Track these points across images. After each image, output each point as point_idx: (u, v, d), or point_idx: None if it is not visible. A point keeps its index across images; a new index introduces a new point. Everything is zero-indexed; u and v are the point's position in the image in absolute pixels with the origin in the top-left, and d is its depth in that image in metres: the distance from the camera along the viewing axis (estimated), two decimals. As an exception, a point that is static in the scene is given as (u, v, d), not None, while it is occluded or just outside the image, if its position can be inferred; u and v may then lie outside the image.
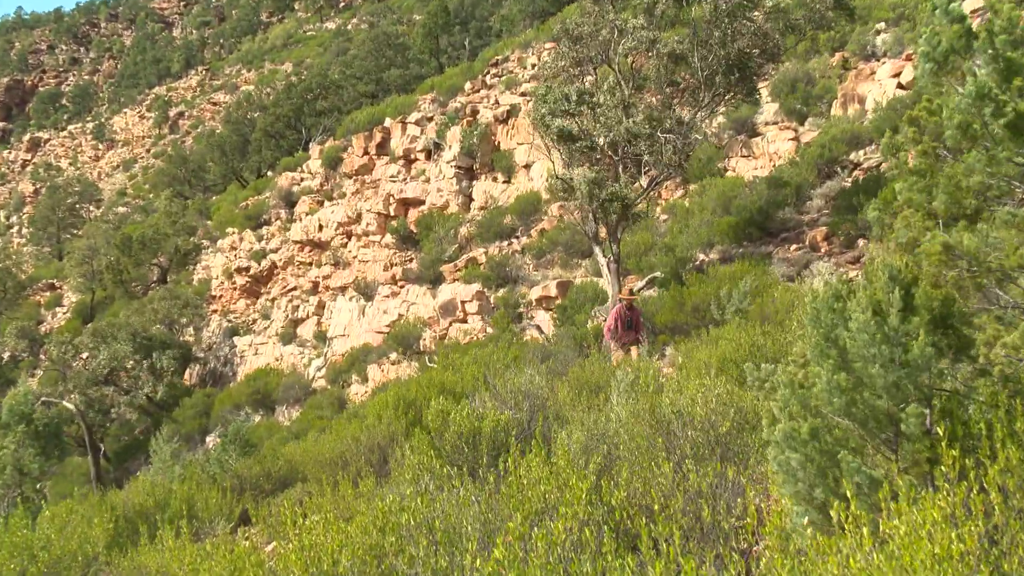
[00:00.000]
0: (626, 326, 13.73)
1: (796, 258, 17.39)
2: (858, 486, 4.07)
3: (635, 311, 13.99)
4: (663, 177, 17.73)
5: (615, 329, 13.78)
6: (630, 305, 13.92)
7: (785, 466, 4.41)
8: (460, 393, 11.20)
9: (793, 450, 4.36)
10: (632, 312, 13.88)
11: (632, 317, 13.82)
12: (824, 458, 4.26)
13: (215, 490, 10.83)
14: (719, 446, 6.39)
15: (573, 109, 16.84)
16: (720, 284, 15.10)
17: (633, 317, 13.84)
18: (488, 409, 8.18)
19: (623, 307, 13.85)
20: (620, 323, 13.70)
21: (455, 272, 27.62)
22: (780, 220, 19.40)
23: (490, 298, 25.89)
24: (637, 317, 13.95)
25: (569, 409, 8.95)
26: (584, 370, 11.59)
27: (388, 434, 10.82)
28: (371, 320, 30.44)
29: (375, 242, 33.49)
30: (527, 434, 8.03)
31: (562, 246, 25.37)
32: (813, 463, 4.28)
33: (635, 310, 14.02)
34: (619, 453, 6.53)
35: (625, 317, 13.75)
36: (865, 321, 4.16)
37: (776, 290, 13.60)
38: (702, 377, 8.22)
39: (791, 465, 4.37)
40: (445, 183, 32.06)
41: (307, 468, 11.57)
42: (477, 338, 24.13)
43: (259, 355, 35.20)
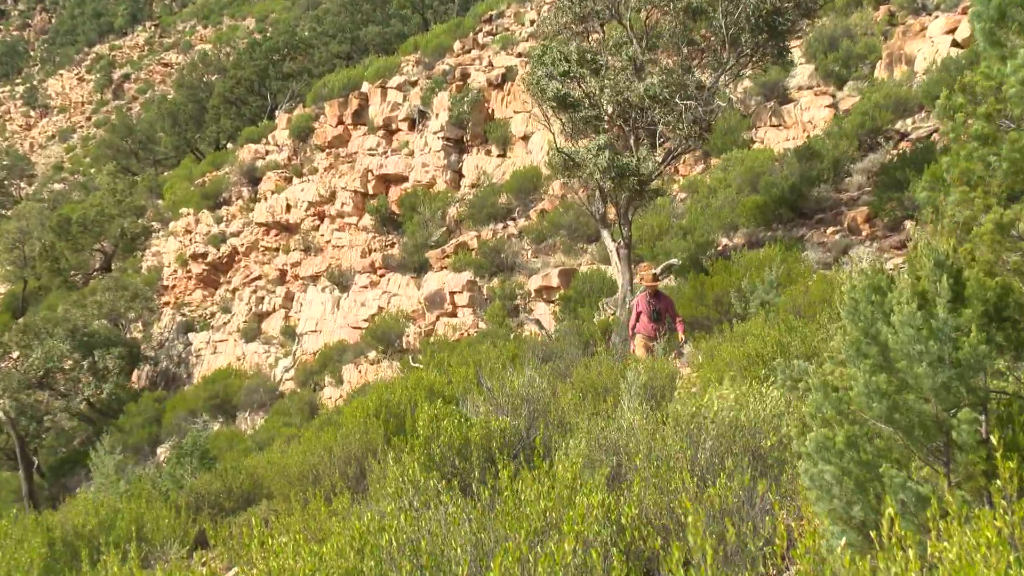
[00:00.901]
0: (652, 317, 13.06)
1: (833, 243, 17.42)
2: (903, 504, 4.08)
3: (663, 299, 13.30)
4: (681, 150, 17.72)
5: (637, 322, 13.15)
6: (655, 291, 13.20)
7: (818, 480, 4.42)
8: (449, 397, 11.22)
9: (827, 462, 4.36)
10: (658, 300, 13.18)
11: (659, 306, 13.14)
12: (863, 471, 4.26)
13: (167, 509, 10.83)
14: (757, 459, 6.40)
15: (574, 71, 16.81)
16: (746, 272, 15.11)
17: (660, 306, 13.17)
18: (481, 415, 8.20)
19: (647, 296, 13.14)
20: (645, 314, 13.06)
21: (443, 259, 27.60)
22: (815, 199, 19.41)
23: (483, 289, 25.87)
24: (666, 306, 13.28)
25: (573, 415, 8.96)
26: (590, 371, 11.58)
27: (366, 444, 10.77)
28: (347, 314, 30.42)
29: (351, 225, 33.43)
30: (526, 443, 8.04)
31: (565, 229, 25.34)
32: (850, 477, 4.29)
33: (663, 297, 13.33)
34: (631, 465, 6.54)
35: (650, 307, 13.07)
36: (909, 314, 4.17)
37: (809, 279, 13.61)
38: (725, 378, 8.24)
39: (825, 479, 4.38)
40: (431, 157, 32.00)
41: (273, 483, 11.57)
42: (468, 334, 24.11)
43: (218, 354, 35.17)
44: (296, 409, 25.76)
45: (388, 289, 29.20)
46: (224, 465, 14.21)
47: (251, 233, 37.77)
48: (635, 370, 10.31)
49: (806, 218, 19.28)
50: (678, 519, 5.43)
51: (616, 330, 16.73)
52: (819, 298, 11.76)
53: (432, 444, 7.07)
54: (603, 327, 17.68)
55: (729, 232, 20.13)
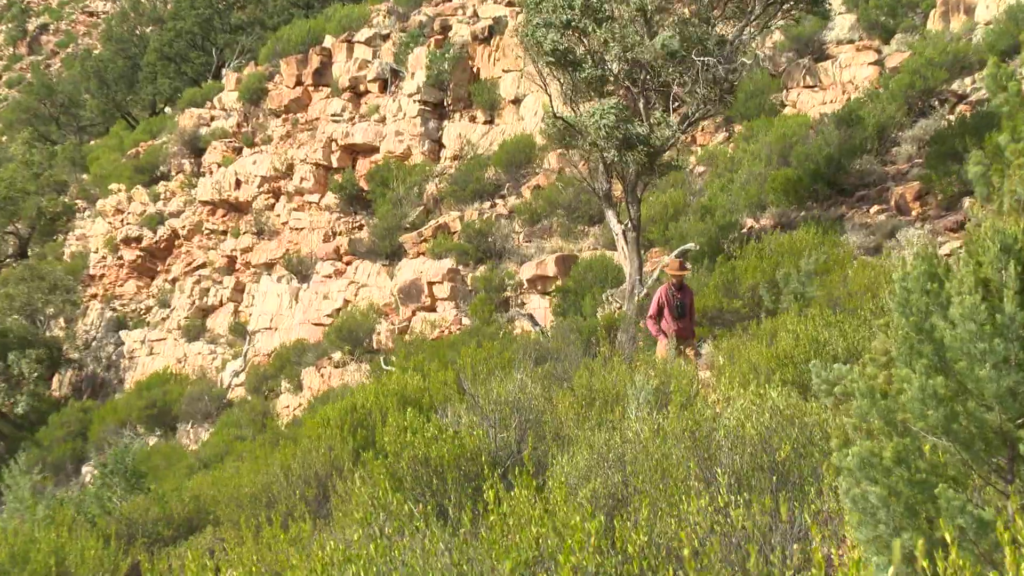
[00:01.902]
0: (676, 313, 12.99)
1: (878, 224, 17.44)
2: (961, 530, 4.07)
3: (687, 292, 13.29)
4: (699, 116, 17.71)
5: (658, 318, 13.02)
6: (680, 283, 13.15)
7: (861, 503, 4.41)
8: (427, 406, 11.23)
9: (872, 481, 4.34)
10: (684, 293, 13.18)
11: (685, 300, 13.14)
12: (914, 491, 4.25)
13: (94, 538, 10.79)
14: (774, 474, 6.41)
15: (577, 20, 16.77)
16: (777, 260, 15.12)
17: (686, 300, 13.17)
18: (464, 427, 8.18)
19: (671, 288, 13.08)
20: (668, 309, 12.97)
21: (420, 244, 27.54)
22: (857, 173, 19.42)
23: (466, 278, 25.83)
24: (690, 301, 13.28)
25: (573, 426, 8.97)
26: (593, 375, 11.58)
27: (330, 461, 10.82)
28: (307, 308, 30.35)
29: (312, 203, 33.32)
30: (516, 459, 8.05)
31: (563, 209, 25.30)
32: (899, 498, 4.28)
33: (687, 291, 13.33)
34: (638, 484, 6.54)
35: (674, 300, 13.00)
36: (971, 307, 4.15)
37: (850, 267, 13.63)
38: (751, 383, 8.23)
39: (869, 501, 4.37)
40: (406, 124, 31.91)
41: (221, 507, 11.59)
42: (449, 332, 24.08)
43: (155, 355, 35.07)
44: (247, 420, 25.69)
45: (356, 279, 29.12)
46: (162, 486, 14.19)
47: (194, 213, 37.62)
48: (645, 374, 10.30)
49: (846, 195, 19.30)
50: (693, 547, 5.42)
51: (623, 327, 16.72)
52: (862, 289, 11.77)
53: (400, 461, 7.05)
54: (608, 323, 17.65)
55: (756, 212, 20.12)
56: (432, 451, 7.24)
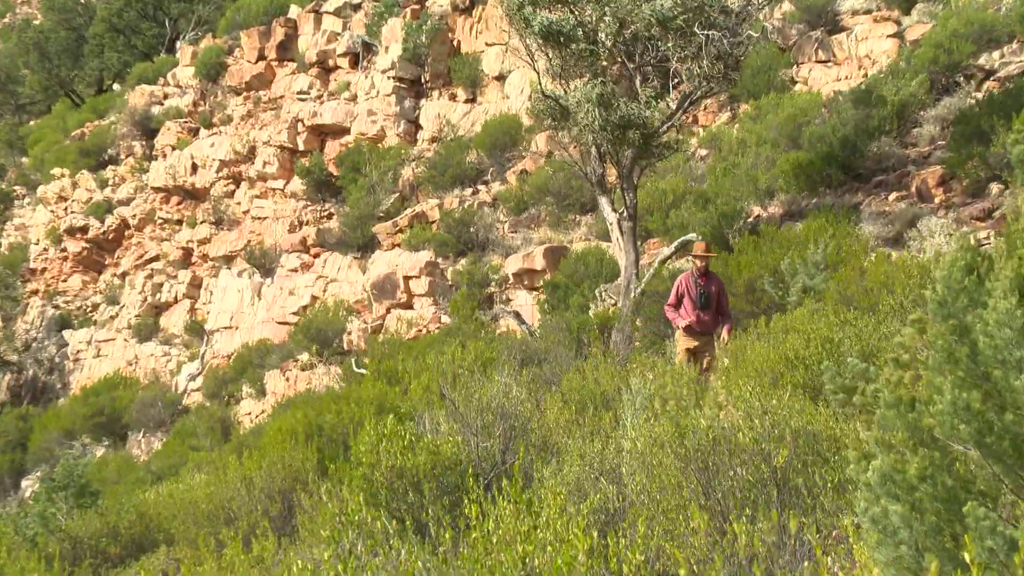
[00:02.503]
0: (700, 304, 12.41)
1: (897, 212, 17.47)
2: (991, 552, 4.06)
3: (715, 280, 12.71)
4: (701, 94, 17.71)
5: (677, 309, 12.51)
6: (705, 270, 12.59)
7: (882, 522, 4.40)
8: (403, 412, 11.24)
9: (894, 498, 4.33)
10: (709, 281, 12.59)
11: (710, 289, 12.52)
12: (941, 508, 4.24)
13: (36, 559, 10.76)
14: (776, 486, 6.43)
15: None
16: (785, 251, 15.14)
17: (712, 289, 12.55)
18: (443, 436, 8.20)
19: (693, 274, 12.57)
20: (689, 299, 12.43)
21: (395, 235, 27.52)
22: (874, 156, 19.45)
23: (446, 273, 25.82)
24: (719, 290, 12.66)
25: (563, 435, 8.96)
26: (585, 378, 11.57)
27: (296, 473, 10.85)
28: (271, 305, 30.31)
29: (276, 190, 33.26)
30: (501, 471, 8.07)
31: (552, 196, 25.29)
32: (923, 517, 4.27)
33: (714, 279, 12.75)
34: (633, 497, 6.54)
35: (697, 289, 12.46)
36: (1007, 312, 4.12)
37: (866, 259, 13.65)
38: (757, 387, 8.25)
39: (891, 521, 4.35)
40: (379, 103, 31.86)
41: (176, 524, 11.57)
42: (427, 331, 24.07)
43: (103, 357, 34.95)
44: (205, 428, 25.63)
45: (324, 273, 29.09)
46: (111, 502, 14.13)
47: (145, 201, 37.50)
48: (642, 377, 10.30)
49: (862, 181, 19.32)
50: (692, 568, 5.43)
51: (618, 325, 16.72)
52: (879, 284, 11.78)
53: (375, 473, 7.05)
54: (601, 322, 17.67)
55: (763, 199, 20.14)
56: (408, 461, 7.22)
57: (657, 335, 16.64)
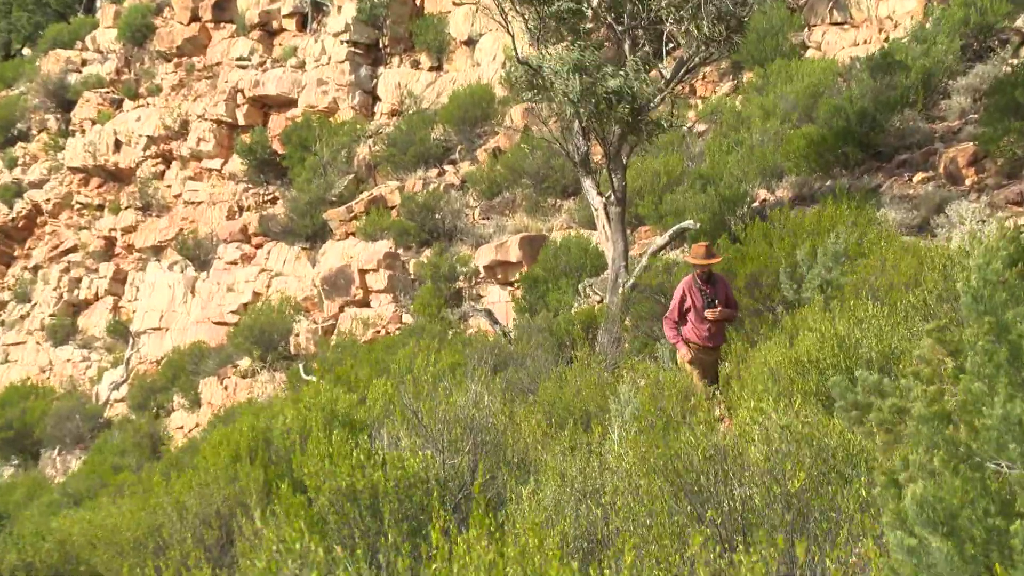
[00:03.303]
0: (705, 306, 12.38)
1: (923, 195, 17.51)
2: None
3: (720, 284, 12.73)
4: (699, 61, 17.74)
5: (681, 319, 12.46)
6: (709, 274, 12.59)
7: (918, 557, 4.39)
8: (359, 425, 11.22)
9: (932, 528, 4.32)
10: (713, 286, 12.58)
11: (716, 294, 12.51)
12: (986, 536, 4.23)
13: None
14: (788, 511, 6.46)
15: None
16: (796, 240, 15.16)
17: (718, 294, 12.53)
18: (404, 451, 8.18)
19: (696, 280, 12.55)
20: (694, 308, 12.43)
21: (349, 222, 27.46)
22: (896, 132, 19.50)
23: (408, 265, 25.80)
24: (724, 295, 12.67)
25: (541, 451, 8.99)
26: (566, 386, 11.54)
27: (235, 496, 10.86)
28: (206, 303, 30.21)
29: (213, 171, 33.16)
30: (469, 492, 8.06)
31: (529, 178, 25.28)
32: (963, 551, 4.26)
33: (721, 281, 12.79)
34: (619, 523, 6.55)
35: (704, 296, 12.46)
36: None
37: (889, 249, 13.68)
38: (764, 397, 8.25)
39: (929, 557, 4.35)
40: (331, 71, 31.77)
41: (97, 554, 11.54)
42: (387, 332, 24.05)
43: (11, 363, 34.79)
44: (131, 445, 25.54)
45: (268, 266, 29.03)
46: (21, 528, 14.06)
47: (61, 183, 37.32)
48: (633, 384, 10.31)
49: (883, 160, 19.37)
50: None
51: (604, 325, 16.71)
52: (904, 278, 11.80)
53: (321, 495, 7.03)
54: (585, 321, 17.65)
55: (770, 181, 20.18)
56: (360, 482, 7.19)
57: (650, 336, 16.64)
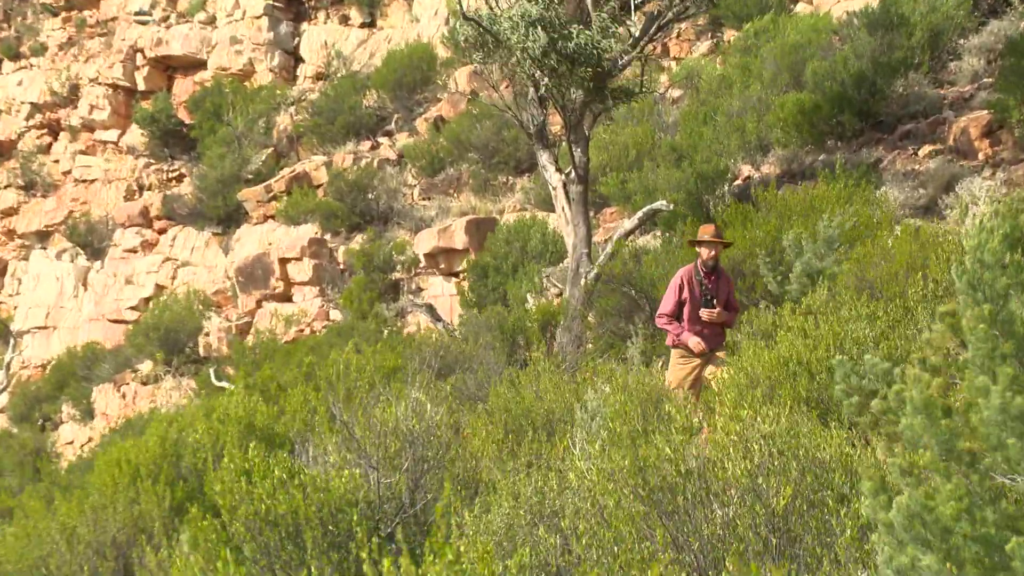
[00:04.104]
0: (703, 304, 12.24)
1: (930, 171, 17.60)
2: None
3: (724, 278, 12.61)
4: (672, 16, 17.77)
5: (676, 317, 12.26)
6: (715, 265, 12.43)
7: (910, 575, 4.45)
8: (279, 439, 11.34)
9: (924, 544, 4.35)
10: (717, 280, 12.43)
11: (718, 291, 12.37)
12: (982, 550, 4.25)
13: None
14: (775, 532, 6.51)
15: None
16: (784, 223, 15.21)
17: (720, 291, 12.40)
18: (332, 468, 8.21)
19: (699, 269, 12.38)
20: (691, 305, 12.27)
21: (268, 203, 27.39)
22: (899, 98, 19.60)
23: (337, 253, 25.75)
24: (727, 294, 12.52)
25: (491, 466, 9.10)
26: (521, 391, 11.55)
27: (135, 522, 10.90)
28: (101, 297, 30.05)
29: (108, 144, 32.97)
30: (408, 515, 8.14)
31: (477, 152, 25.29)
32: (961, 569, 4.28)
33: (723, 276, 12.64)
34: (581, 550, 6.56)
35: (701, 290, 12.31)
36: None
37: (890, 233, 13.74)
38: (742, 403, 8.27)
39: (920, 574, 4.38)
40: (247, 28, 31.66)
41: (-30, 591, 11.47)
42: (312, 330, 24.03)
43: None
44: (11, 462, 25.39)
45: (173, 255, 28.91)
46: None
47: (-68, 158, 37.07)
48: (598, 390, 10.33)
49: (884, 131, 19.48)
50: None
51: (565, 322, 16.73)
52: (907, 265, 11.84)
53: (236, 520, 6.98)
54: (542, 317, 17.66)
55: (755, 155, 20.27)
56: (280, 505, 7.15)
57: (616, 334, 16.67)
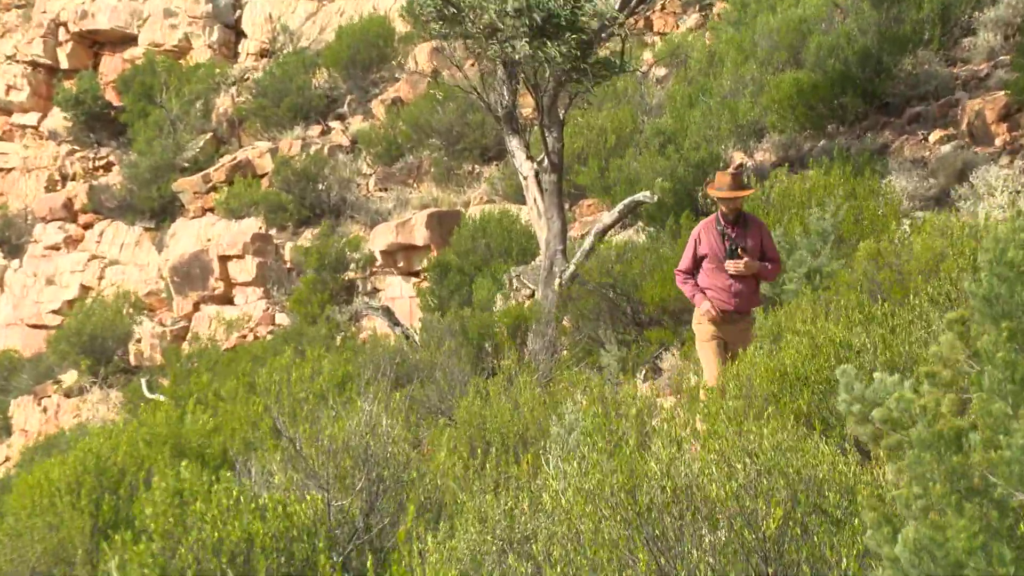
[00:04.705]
0: (727, 254, 11.66)
1: (941, 158, 17.64)
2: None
3: (754, 225, 11.99)
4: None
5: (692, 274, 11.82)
6: (738, 214, 11.86)
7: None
8: (217, 457, 11.32)
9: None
10: (744, 229, 11.82)
11: (746, 240, 11.75)
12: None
13: None
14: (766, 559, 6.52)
15: None
16: (781, 216, 15.21)
17: (750, 240, 11.79)
18: (277, 491, 8.27)
19: (719, 221, 11.81)
20: (714, 263, 11.69)
21: (206, 194, 27.31)
22: (908, 78, 19.64)
23: (284, 250, 25.71)
24: (757, 242, 11.86)
25: (457, 487, 9.05)
26: (490, 403, 11.51)
27: (57, 549, 10.84)
28: (19, 300, 29.98)
29: (26, 129, 32.88)
30: (364, 541, 8.17)
31: (439, 138, 25.29)
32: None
33: (753, 225, 12.00)
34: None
35: (723, 242, 11.72)
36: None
37: (897, 228, 13.74)
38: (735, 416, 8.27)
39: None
40: (182, 0, 31.62)
41: None
42: (256, 336, 23.97)
43: None
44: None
45: (101, 252, 28.83)
46: None
47: None
48: (575, 403, 10.32)
49: (890, 114, 19.52)
50: None
51: (537, 327, 16.71)
52: (918, 265, 11.82)
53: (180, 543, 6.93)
54: (512, 322, 17.64)
55: (747, 141, 20.28)
56: (234, 532, 7.11)
57: (594, 340, 16.66)
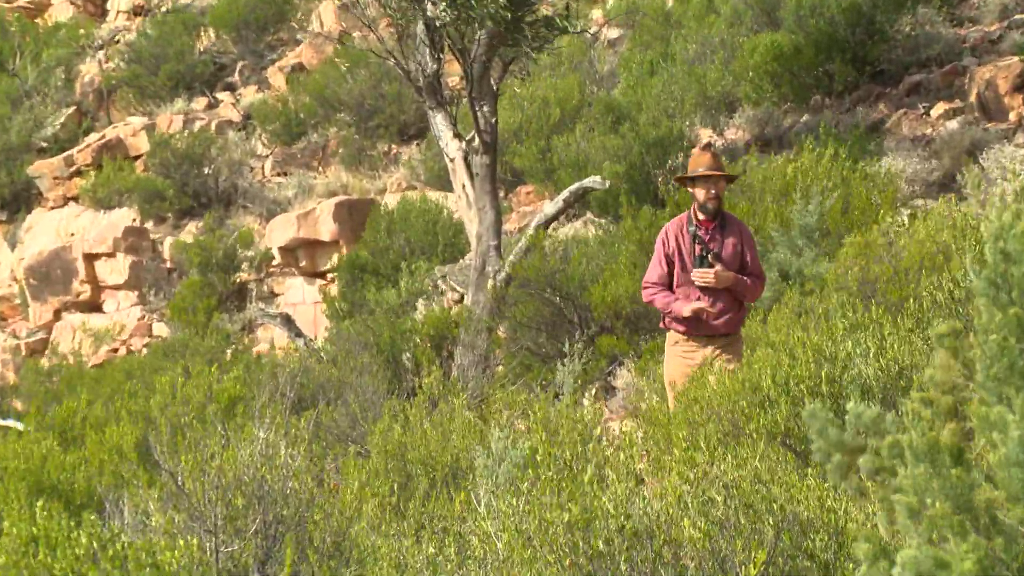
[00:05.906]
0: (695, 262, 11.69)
1: (945, 136, 17.71)
2: None
3: (732, 229, 11.96)
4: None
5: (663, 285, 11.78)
6: (716, 209, 11.89)
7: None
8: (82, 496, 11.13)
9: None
10: (721, 229, 11.85)
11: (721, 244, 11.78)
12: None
13: None
14: None
15: None
16: (755, 205, 15.33)
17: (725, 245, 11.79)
18: (154, 534, 8.22)
19: (691, 219, 11.84)
20: (683, 270, 11.74)
21: (69, 180, 27.19)
22: (906, 42, 19.68)
23: (163, 247, 25.63)
24: (735, 246, 11.84)
25: (370, 528, 9.06)
26: (409, 430, 11.59)
27: None
28: None
29: None
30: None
31: (349, 113, 25.23)
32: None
33: (732, 226, 12.02)
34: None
35: (694, 246, 11.72)
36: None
37: (893, 218, 13.88)
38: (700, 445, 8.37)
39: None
40: (38, -57, 31.50)
41: None
42: (129, 349, 23.87)
43: None
44: None
45: (-61, 249, 28.69)
46: None
47: None
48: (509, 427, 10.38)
49: (887, 83, 19.57)
50: None
51: (465, 338, 16.76)
52: (917, 262, 11.96)
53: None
54: (436, 331, 17.67)
55: (717, 116, 20.33)
56: None
57: (535, 353, 16.72)
